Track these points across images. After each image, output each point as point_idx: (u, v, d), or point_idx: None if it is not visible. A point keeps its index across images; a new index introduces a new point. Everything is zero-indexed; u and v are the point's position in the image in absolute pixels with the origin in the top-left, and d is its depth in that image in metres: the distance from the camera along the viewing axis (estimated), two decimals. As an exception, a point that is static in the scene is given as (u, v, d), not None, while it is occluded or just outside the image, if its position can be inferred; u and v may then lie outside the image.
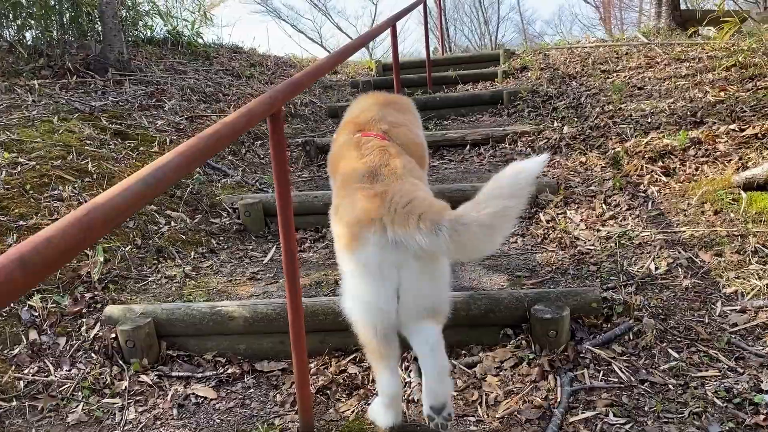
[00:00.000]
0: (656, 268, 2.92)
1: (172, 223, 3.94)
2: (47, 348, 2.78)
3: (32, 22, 6.02)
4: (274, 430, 2.32)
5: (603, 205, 3.68)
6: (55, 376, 2.63)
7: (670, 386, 2.21)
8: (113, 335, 2.79)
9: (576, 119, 5.34)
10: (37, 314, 2.88)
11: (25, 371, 2.64)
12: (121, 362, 2.73)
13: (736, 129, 4.03)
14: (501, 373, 2.43)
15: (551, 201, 3.84)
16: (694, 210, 3.38)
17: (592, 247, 3.28)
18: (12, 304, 2.87)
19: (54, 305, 2.95)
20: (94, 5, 6.14)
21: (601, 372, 2.34)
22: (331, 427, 2.30)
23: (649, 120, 4.74)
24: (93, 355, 2.76)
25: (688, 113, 4.63)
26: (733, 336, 2.42)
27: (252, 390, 2.60)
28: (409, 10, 6.37)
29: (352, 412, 2.36)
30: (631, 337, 2.49)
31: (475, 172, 4.80)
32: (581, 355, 2.45)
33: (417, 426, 2.23)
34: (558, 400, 2.22)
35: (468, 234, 1.75)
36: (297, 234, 4.09)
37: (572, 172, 4.25)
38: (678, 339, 2.46)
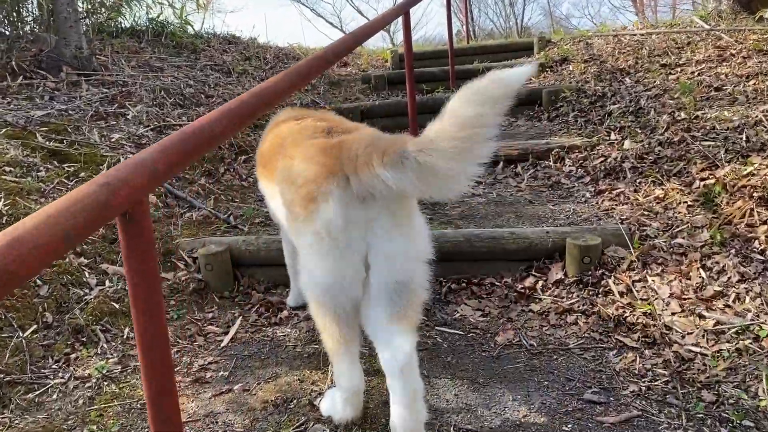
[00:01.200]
0: (818, 408, 1.83)
1: (107, 283, 2.94)
2: None
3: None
4: None
5: (701, 270, 2.58)
6: None
7: None
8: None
9: (639, 130, 4.20)
10: None
11: None
12: None
13: None
14: None
15: (623, 260, 2.75)
16: None
17: (696, 349, 2.19)
18: None
19: None
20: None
21: None
22: None
23: (742, 136, 3.60)
24: None
25: (799, 128, 3.48)
26: None
27: None
28: (429, -8, 5.23)
29: None
30: None
31: (511, 202, 3.70)
32: None
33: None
34: None
35: (437, 156, 1.48)
36: (272, 295, 3.07)
37: (647, 213, 3.14)
38: None
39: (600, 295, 2.63)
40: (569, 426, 1.90)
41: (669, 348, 2.22)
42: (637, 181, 3.55)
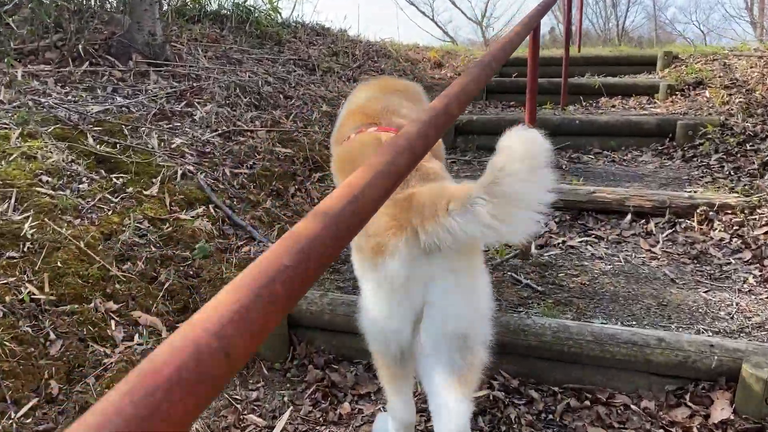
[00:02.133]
0: None
1: (136, 338, 2.38)
2: None
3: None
4: None
5: None
6: None
7: None
8: None
9: (817, 193, 3.27)
10: None
11: None
12: None
13: None
14: None
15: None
16: None
17: None
18: None
19: None
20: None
21: None
22: None
23: None
24: None
25: None
26: None
27: None
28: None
29: None
30: None
31: (647, 277, 2.89)
32: None
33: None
34: None
35: (510, 180, 1.41)
36: (333, 371, 2.42)
37: None
38: None
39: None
40: None
41: None
42: (827, 271, 2.67)
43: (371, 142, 2.00)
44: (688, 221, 3.37)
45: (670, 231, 3.33)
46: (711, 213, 3.33)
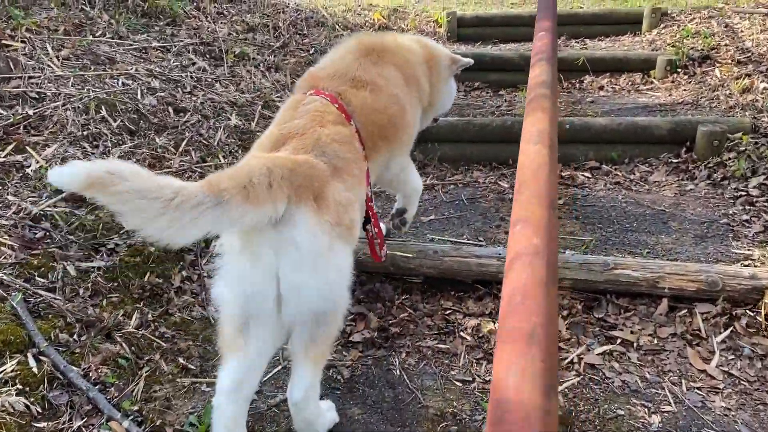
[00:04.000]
0: None
1: None
2: None
3: None
4: None
5: None
6: None
7: None
8: None
9: None
10: None
11: None
12: None
13: None
14: None
15: None
16: None
17: None
18: None
19: None
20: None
21: None
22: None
23: None
24: None
25: None
26: None
27: None
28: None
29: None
30: None
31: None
32: None
33: None
34: None
35: None
36: None
37: None
38: None
39: None
40: None
41: None
42: None
43: (291, 103, 1.98)
44: (751, 313, 2.36)
45: (727, 331, 2.32)
46: (782, 301, 2.33)
